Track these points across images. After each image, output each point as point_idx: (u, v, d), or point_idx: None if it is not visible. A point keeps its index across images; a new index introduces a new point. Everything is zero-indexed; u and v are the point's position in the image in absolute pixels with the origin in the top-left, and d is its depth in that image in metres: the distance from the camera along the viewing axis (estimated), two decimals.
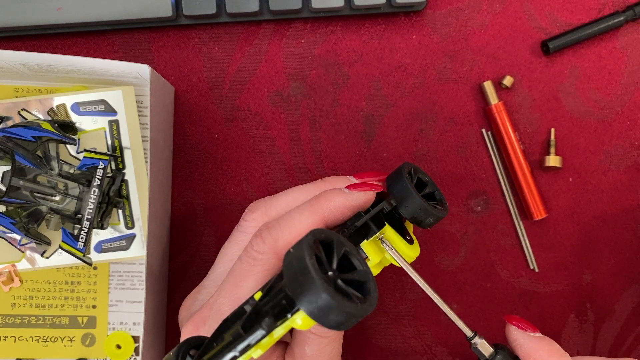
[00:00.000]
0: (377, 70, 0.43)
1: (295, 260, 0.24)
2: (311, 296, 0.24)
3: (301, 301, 0.24)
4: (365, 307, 0.25)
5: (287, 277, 0.25)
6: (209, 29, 0.43)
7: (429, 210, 0.33)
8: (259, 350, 0.26)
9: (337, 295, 0.24)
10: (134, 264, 0.40)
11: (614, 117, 0.43)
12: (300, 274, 0.24)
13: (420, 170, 0.35)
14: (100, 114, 0.38)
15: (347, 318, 0.24)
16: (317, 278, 0.23)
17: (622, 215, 0.44)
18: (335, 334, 0.32)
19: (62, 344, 0.40)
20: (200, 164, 0.43)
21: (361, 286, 0.26)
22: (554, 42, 0.42)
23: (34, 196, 0.37)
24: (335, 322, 0.24)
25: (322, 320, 0.24)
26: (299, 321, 0.25)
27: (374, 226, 0.32)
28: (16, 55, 0.35)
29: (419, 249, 0.35)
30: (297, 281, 0.24)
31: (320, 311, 0.24)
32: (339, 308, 0.24)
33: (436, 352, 0.44)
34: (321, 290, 0.23)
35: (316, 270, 0.24)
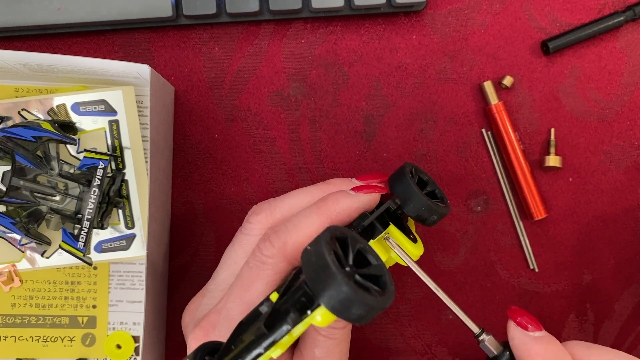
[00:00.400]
0: (377, 70, 0.43)
1: (314, 256, 0.25)
2: (332, 291, 0.24)
3: (322, 297, 0.24)
4: (385, 300, 0.25)
5: (306, 274, 0.25)
6: (209, 29, 0.43)
7: (433, 208, 0.33)
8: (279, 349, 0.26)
9: (358, 289, 0.24)
10: (134, 264, 0.40)
11: (614, 117, 0.43)
12: (321, 269, 0.24)
13: (420, 169, 0.36)
14: (100, 114, 0.38)
15: (368, 311, 0.24)
16: (338, 273, 0.24)
17: (622, 215, 0.44)
18: (343, 336, 0.32)
19: (62, 344, 0.40)
20: (200, 164, 0.43)
21: (377, 280, 0.26)
22: (554, 42, 0.42)
23: (34, 196, 0.37)
24: (357, 316, 0.24)
25: (344, 314, 0.24)
26: (319, 317, 0.25)
27: (379, 226, 0.33)
28: (16, 55, 0.35)
29: (422, 247, 0.35)
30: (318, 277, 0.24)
31: (342, 305, 0.24)
32: (360, 301, 0.24)
33: (436, 351, 0.44)
34: (342, 284, 0.24)
35: (336, 266, 0.24)
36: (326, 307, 0.24)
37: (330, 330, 0.31)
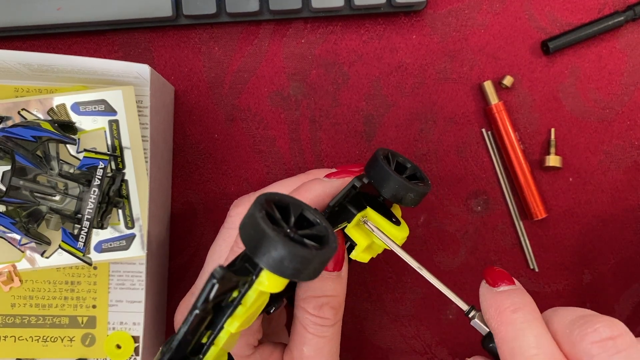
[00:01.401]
0: (377, 70, 0.43)
1: (247, 218, 0.25)
2: (265, 248, 0.24)
3: (258, 255, 0.24)
4: (322, 253, 0.25)
5: (243, 239, 0.25)
6: (209, 28, 0.43)
7: (406, 185, 0.33)
8: (235, 322, 0.26)
9: (288, 242, 0.24)
10: (134, 264, 0.40)
11: (614, 117, 0.43)
12: (253, 229, 0.24)
13: (398, 154, 0.36)
14: (100, 113, 0.38)
15: (302, 264, 0.24)
16: (267, 228, 0.24)
17: (622, 215, 0.43)
18: (332, 334, 0.32)
19: (62, 344, 0.40)
20: (200, 164, 0.43)
21: (320, 239, 0.26)
22: (554, 42, 0.42)
23: (34, 196, 0.37)
24: (293, 270, 0.24)
25: (280, 270, 0.24)
26: (265, 281, 0.25)
27: (353, 209, 0.33)
28: (16, 55, 0.35)
29: (407, 230, 0.35)
30: (252, 238, 0.25)
31: (276, 261, 0.24)
32: (292, 254, 0.24)
33: (436, 351, 0.44)
34: (272, 239, 0.24)
35: (265, 222, 0.24)
36: (263, 265, 0.25)
37: (318, 327, 0.31)
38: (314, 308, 0.31)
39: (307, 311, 0.31)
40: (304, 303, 0.32)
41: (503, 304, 0.28)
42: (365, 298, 0.44)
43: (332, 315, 0.32)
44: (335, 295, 0.32)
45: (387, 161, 0.34)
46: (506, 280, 0.30)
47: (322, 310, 0.31)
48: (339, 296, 0.32)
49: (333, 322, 0.32)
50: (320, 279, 0.32)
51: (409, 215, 0.43)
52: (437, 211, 0.44)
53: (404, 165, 0.35)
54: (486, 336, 0.31)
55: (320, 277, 0.32)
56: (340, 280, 0.32)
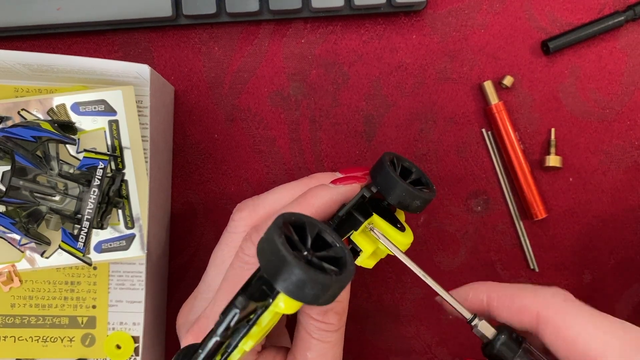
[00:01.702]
0: (377, 70, 0.43)
1: (266, 243, 0.25)
2: (285, 274, 0.24)
3: (277, 281, 0.24)
4: (341, 278, 0.25)
5: (261, 261, 0.25)
6: (209, 28, 0.43)
7: (413, 192, 0.33)
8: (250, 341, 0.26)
9: (309, 269, 0.24)
10: (134, 264, 0.40)
11: (614, 117, 0.43)
12: (272, 254, 0.24)
13: (403, 158, 0.36)
14: (100, 113, 0.38)
15: (322, 290, 0.24)
16: (287, 254, 0.24)
17: (622, 215, 0.43)
18: (335, 339, 0.32)
19: (62, 344, 0.40)
20: (200, 164, 0.43)
21: (337, 262, 0.27)
22: (554, 42, 0.42)
23: (34, 196, 0.37)
24: (312, 296, 0.24)
25: (299, 296, 0.24)
26: (282, 304, 0.25)
27: (360, 216, 0.33)
28: (16, 55, 0.35)
29: (412, 236, 0.35)
30: (271, 263, 0.24)
31: (296, 287, 0.24)
32: (312, 280, 0.24)
33: (436, 352, 0.44)
34: (292, 265, 0.24)
35: (286, 248, 0.24)
36: (282, 290, 0.25)
37: (322, 333, 0.31)
38: (318, 314, 0.31)
39: (312, 317, 0.31)
40: (308, 309, 0.31)
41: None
42: (365, 298, 0.44)
43: (337, 320, 0.31)
44: (339, 301, 0.32)
45: (393, 166, 0.34)
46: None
47: (327, 316, 0.31)
48: (343, 302, 0.32)
49: (337, 328, 0.32)
50: None
51: (409, 216, 0.43)
52: (437, 211, 0.44)
53: (409, 170, 0.35)
54: (487, 344, 0.31)
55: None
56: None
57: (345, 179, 0.34)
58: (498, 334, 0.31)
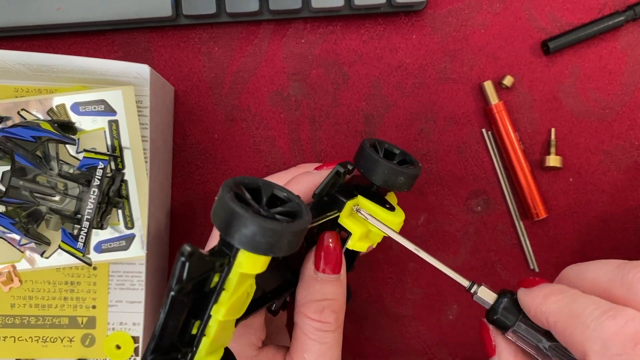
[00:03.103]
0: (377, 70, 0.43)
1: (217, 202, 0.25)
2: (236, 226, 0.24)
3: (231, 235, 0.24)
4: (293, 225, 0.25)
5: (214, 220, 0.25)
6: (209, 28, 0.43)
7: (396, 169, 0.33)
8: (221, 308, 0.26)
9: (258, 217, 0.24)
10: (134, 264, 0.40)
11: (614, 117, 0.43)
12: (223, 210, 0.24)
13: (385, 142, 0.36)
14: (99, 114, 0.38)
15: (274, 237, 0.24)
16: (235, 206, 0.24)
17: (622, 215, 0.43)
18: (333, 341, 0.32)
19: (62, 344, 0.40)
20: (200, 164, 0.43)
21: (293, 215, 0.26)
22: (555, 42, 0.42)
23: (34, 196, 0.37)
24: (266, 244, 0.24)
25: (254, 247, 0.24)
26: (243, 261, 0.25)
27: (342, 197, 0.33)
28: (16, 55, 0.35)
29: (402, 214, 0.35)
30: (222, 219, 0.24)
31: (248, 238, 0.24)
32: (262, 227, 0.24)
33: (436, 352, 0.44)
34: (241, 215, 0.24)
35: (234, 202, 0.24)
36: (237, 244, 0.24)
37: (319, 333, 0.31)
38: (314, 312, 0.31)
39: (308, 316, 0.31)
40: (304, 308, 0.31)
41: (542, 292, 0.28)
42: (365, 298, 0.44)
43: (334, 319, 0.31)
44: (335, 299, 0.32)
45: (375, 150, 0.34)
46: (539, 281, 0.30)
47: (323, 314, 0.31)
48: (339, 299, 0.32)
49: (334, 327, 0.31)
50: (319, 282, 0.32)
51: (409, 216, 0.43)
52: (437, 211, 0.44)
53: (392, 152, 0.35)
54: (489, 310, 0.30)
55: (319, 280, 0.32)
56: (339, 283, 0.32)
57: (326, 164, 0.35)
58: (499, 298, 0.30)
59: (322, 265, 0.32)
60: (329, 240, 0.32)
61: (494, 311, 0.30)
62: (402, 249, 0.44)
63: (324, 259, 0.32)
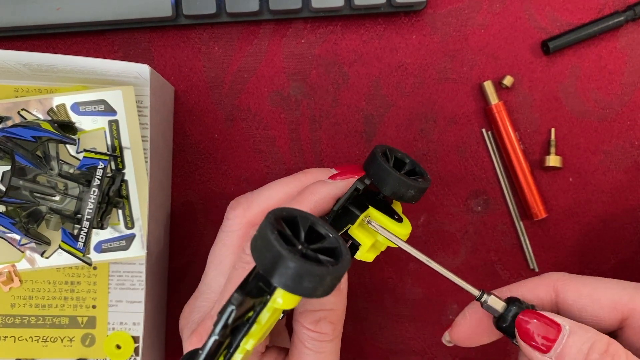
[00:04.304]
0: (377, 70, 0.43)
1: (259, 240, 0.25)
2: (280, 268, 0.24)
3: (273, 276, 0.24)
4: (337, 268, 0.25)
5: (256, 259, 0.25)
6: (209, 28, 0.43)
7: (407, 182, 0.33)
8: (251, 340, 0.26)
9: (304, 261, 0.24)
10: (134, 264, 0.40)
11: (614, 117, 0.43)
12: (266, 250, 0.24)
13: (396, 149, 0.36)
14: (100, 113, 0.38)
15: (319, 282, 0.24)
16: (281, 249, 0.24)
17: (622, 215, 0.43)
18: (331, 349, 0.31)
19: (62, 344, 0.40)
20: (200, 164, 0.43)
21: (332, 252, 0.26)
22: (554, 41, 0.42)
23: (34, 196, 0.37)
24: (310, 289, 0.24)
25: (296, 289, 0.24)
26: (280, 300, 0.25)
27: (356, 210, 0.33)
28: (16, 55, 0.35)
29: (409, 226, 0.35)
30: (265, 259, 0.24)
31: (292, 281, 0.24)
32: (308, 273, 0.24)
33: (436, 352, 0.44)
34: (287, 259, 0.24)
35: (279, 242, 0.24)
36: (279, 285, 0.24)
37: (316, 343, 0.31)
38: (310, 323, 0.30)
39: (304, 326, 0.31)
40: (300, 317, 0.31)
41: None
42: (365, 298, 0.44)
43: (330, 330, 0.31)
44: (333, 310, 0.31)
45: (386, 158, 0.34)
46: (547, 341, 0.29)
47: (320, 325, 0.30)
48: (337, 310, 0.31)
49: (331, 338, 0.31)
50: None
51: (409, 216, 0.43)
52: (437, 211, 0.44)
53: (403, 161, 0.35)
54: (499, 317, 0.31)
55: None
56: (339, 293, 0.31)
57: (342, 173, 0.34)
58: (509, 307, 0.31)
59: None
60: None
61: (503, 319, 0.31)
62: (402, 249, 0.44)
63: None
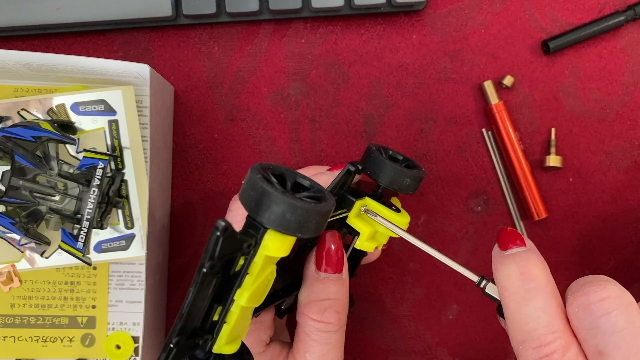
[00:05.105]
0: (377, 70, 0.43)
1: (246, 183, 0.25)
2: (265, 205, 0.24)
3: (260, 214, 0.24)
4: (321, 206, 0.25)
5: (242, 201, 0.25)
6: (209, 28, 0.43)
7: (402, 170, 0.33)
8: (245, 293, 0.26)
9: (288, 196, 0.24)
10: (134, 264, 0.40)
11: (614, 117, 0.43)
12: (253, 190, 0.25)
13: (389, 148, 0.36)
14: (99, 113, 0.38)
15: (303, 216, 0.25)
16: (266, 186, 0.24)
17: (622, 215, 0.43)
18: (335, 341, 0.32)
19: (62, 344, 0.40)
20: (200, 164, 0.43)
21: (318, 199, 0.27)
22: (555, 41, 0.42)
23: (34, 196, 0.37)
24: (295, 224, 0.24)
25: (283, 226, 0.24)
26: (269, 243, 0.25)
27: (351, 197, 0.33)
28: (16, 55, 0.35)
29: (408, 216, 0.35)
30: (251, 199, 0.25)
31: (279, 217, 0.24)
32: (292, 206, 0.24)
33: (436, 352, 0.44)
34: (271, 194, 0.24)
35: (265, 182, 0.25)
36: (266, 223, 0.25)
37: (322, 334, 0.31)
38: (316, 312, 0.31)
39: (310, 317, 0.31)
40: (306, 308, 0.31)
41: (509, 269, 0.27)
42: (365, 298, 0.44)
43: (336, 320, 0.31)
44: (337, 299, 0.32)
45: (380, 152, 0.35)
46: (518, 241, 0.28)
47: (325, 314, 0.31)
48: (341, 299, 0.32)
49: (336, 328, 0.31)
50: (321, 281, 0.32)
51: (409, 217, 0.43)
52: (437, 211, 0.44)
53: (396, 158, 0.36)
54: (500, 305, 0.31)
55: (321, 279, 0.32)
56: (342, 282, 0.32)
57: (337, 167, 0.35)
58: None
59: (323, 265, 0.32)
60: (330, 240, 0.32)
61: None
62: (402, 249, 0.44)
63: (325, 258, 0.32)
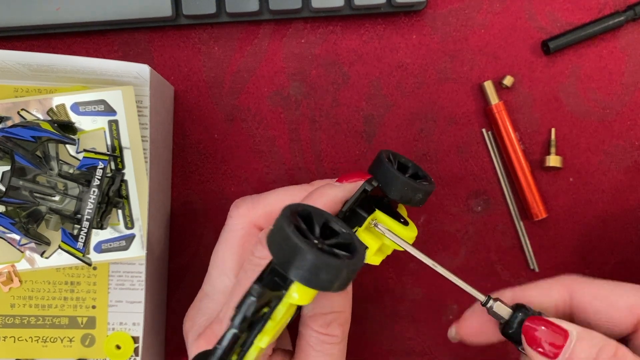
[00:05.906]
0: (377, 70, 0.43)
1: (276, 233, 0.25)
2: (298, 262, 0.24)
3: (290, 269, 0.24)
4: (353, 262, 0.25)
5: (272, 252, 0.25)
6: (209, 28, 0.43)
7: (414, 185, 0.33)
8: (265, 337, 0.26)
9: (322, 254, 0.24)
10: (134, 264, 0.40)
11: (614, 117, 0.43)
12: (283, 243, 0.24)
13: (398, 155, 0.36)
14: (99, 114, 0.38)
15: (335, 275, 0.24)
16: (299, 241, 0.24)
17: (622, 215, 0.43)
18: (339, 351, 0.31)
19: (62, 345, 0.40)
20: (200, 164, 0.43)
21: (347, 248, 0.26)
22: (555, 41, 0.42)
23: (34, 196, 0.37)
24: (326, 282, 0.24)
25: (314, 283, 0.24)
26: (296, 295, 0.25)
27: (363, 212, 0.33)
28: (16, 55, 0.35)
29: (415, 229, 0.35)
30: (282, 251, 0.24)
31: (310, 273, 0.24)
32: (326, 265, 0.24)
33: (436, 352, 0.44)
34: (305, 252, 0.24)
35: (297, 236, 0.24)
36: (296, 279, 0.24)
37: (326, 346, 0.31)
38: (321, 326, 0.31)
39: (314, 329, 0.31)
40: (310, 321, 0.31)
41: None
42: (365, 298, 0.44)
43: (340, 332, 0.31)
44: (342, 311, 0.31)
45: (391, 163, 0.34)
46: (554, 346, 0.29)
47: (330, 327, 0.31)
48: (346, 312, 0.32)
49: (340, 340, 0.31)
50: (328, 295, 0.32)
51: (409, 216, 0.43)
52: (437, 211, 0.44)
53: (406, 166, 0.36)
54: (505, 324, 0.31)
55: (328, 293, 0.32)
56: (346, 295, 0.32)
57: (350, 176, 0.34)
58: (515, 313, 0.31)
59: None
60: None
61: (509, 325, 0.31)
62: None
63: None
